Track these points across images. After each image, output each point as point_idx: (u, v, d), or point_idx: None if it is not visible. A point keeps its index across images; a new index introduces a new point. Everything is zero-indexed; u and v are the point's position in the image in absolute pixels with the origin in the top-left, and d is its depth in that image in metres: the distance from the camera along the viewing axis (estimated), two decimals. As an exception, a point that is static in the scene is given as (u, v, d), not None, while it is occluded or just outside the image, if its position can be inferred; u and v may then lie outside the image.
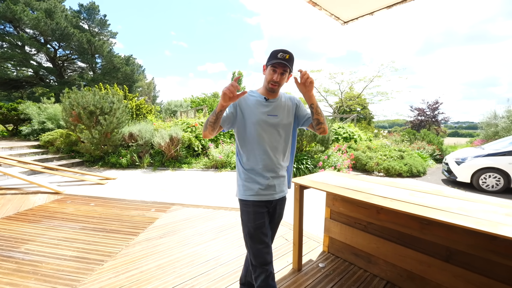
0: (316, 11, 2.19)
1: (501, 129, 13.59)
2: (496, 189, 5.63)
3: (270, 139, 1.37)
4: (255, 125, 1.35)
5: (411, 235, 1.81)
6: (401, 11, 46.01)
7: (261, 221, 1.36)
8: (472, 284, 1.53)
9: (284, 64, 1.29)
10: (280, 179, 1.44)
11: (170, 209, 3.61)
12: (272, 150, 1.37)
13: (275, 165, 1.39)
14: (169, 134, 6.99)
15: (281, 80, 1.34)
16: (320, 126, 1.40)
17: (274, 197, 1.41)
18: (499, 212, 1.36)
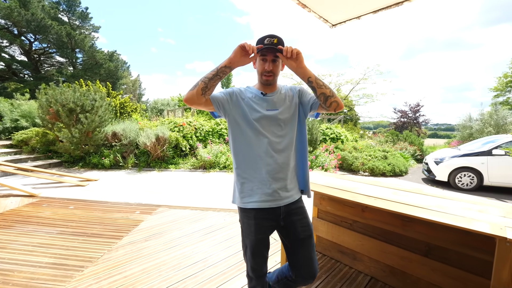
0: (305, 13, 2.24)
1: (475, 131, 14.43)
2: (470, 187, 5.98)
3: (271, 136, 1.19)
4: (252, 123, 1.19)
5: (394, 232, 1.89)
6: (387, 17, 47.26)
7: (263, 235, 1.21)
8: (449, 277, 1.62)
9: (273, 49, 1.13)
10: (286, 182, 1.21)
11: (156, 211, 3.54)
12: (273, 149, 1.18)
13: (279, 165, 1.19)
14: (155, 134, 6.85)
15: (275, 68, 1.19)
16: (329, 100, 1.14)
17: (279, 203, 1.20)
18: (473, 209, 1.45)
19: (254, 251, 1.21)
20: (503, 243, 1.07)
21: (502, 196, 5.40)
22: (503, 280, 1.08)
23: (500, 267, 1.08)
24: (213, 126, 8.83)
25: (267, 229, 1.22)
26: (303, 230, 1.23)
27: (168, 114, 12.67)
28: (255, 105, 1.21)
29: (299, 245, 1.22)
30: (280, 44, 1.15)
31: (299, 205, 1.27)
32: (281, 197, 1.20)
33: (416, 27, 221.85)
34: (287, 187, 1.22)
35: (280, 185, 1.20)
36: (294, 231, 1.22)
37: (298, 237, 1.22)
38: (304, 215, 1.26)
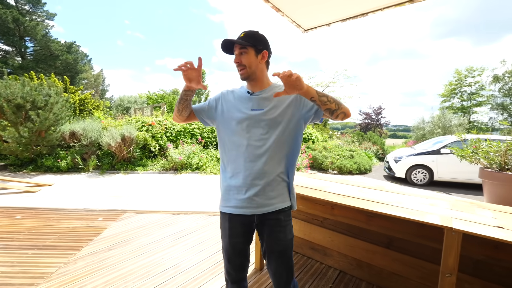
0: (279, 17, 2.28)
1: (427, 132, 16.09)
2: (423, 182, 6.65)
3: (252, 139, 1.12)
4: (233, 124, 1.15)
5: (360, 227, 2.03)
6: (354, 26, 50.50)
7: (237, 240, 1.16)
8: (407, 265, 1.78)
9: (236, 42, 1.12)
10: (266, 188, 1.11)
11: (121, 216, 3.32)
12: (253, 153, 1.11)
13: (259, 171, 1.10)
14: (121, 134, 6.42)
15: (244, 59, 1.13)
16: (336, 113, 1.08)
17: (254, 211, 1.12)
18: (426, 203, 1.62)
19: (228, 255, 1.19)
20: (450, 232, 1.21)
21: (449, 190, 6.10)
22: (450, 265, 1.22)
23: (447, 254, 1.22)
24: (185, 126, 8.56)
25: (241, 234, 1.16)
26: (275, 244, 1.13)
27: (136, 113, 11.98)
28: (239, 106, 1.17)
29: (270, 256, 1.16)
30: (249, 37, 1.13)
31: (278, 216, 1.13)
32: (258, 205, 1.11)
33: (380, 37, 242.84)
34: (267, 195, 1.12)
35: (257, 191, 1.11)
36: (266, 241, 1.16)
37: (270, 248, 1.15)
38: (280, 229, 1.13)
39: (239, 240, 1.17)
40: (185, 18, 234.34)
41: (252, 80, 1.17)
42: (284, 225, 1.15)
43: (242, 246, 1.18)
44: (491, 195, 3.56)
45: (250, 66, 1.14)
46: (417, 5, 2.86)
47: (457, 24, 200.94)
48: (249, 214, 1.13)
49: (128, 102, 22.12)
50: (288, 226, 1.17)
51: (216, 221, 3.20)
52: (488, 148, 3.70)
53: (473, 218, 1.33)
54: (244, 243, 1.19)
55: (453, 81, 24.57)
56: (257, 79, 1.17)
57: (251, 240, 1.22)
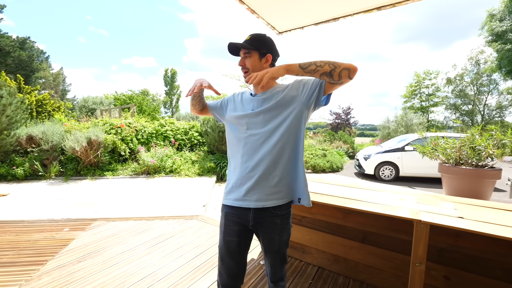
0: (253, 18, 2.29)
1: (391, 131, 17.28)
2: (390, 178, 7.14)
3: (251, 135, 1.14)
4: (235, 122, 1.21)
5: (337, 223, 2.11)
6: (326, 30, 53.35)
7: (231, 239, 1.16)
8: (381, 258, 1.89)
9: (240, 45, 1.16)
10: (262, 185, 1.12)
11: (90, 225, 3.08)
12: (252, 148, 1.14)
13: (257, 166, 1.12)
14: (87, 137, 5.96)
15: (249, 62, 1.17)
16: (335, 72, 1.00)
17: (250, 205, 1.12)
18: (396, 198, 1.74)
19: (221, 253, 1.19)
20: (419, 225, 1.31)
21: (413, 184, 6.62)
22: (419, 255, 1.32)
23: (417, 245, 1.32)
24: (157, 128, 8.21)
25: (235, 233, 1.16)
26: (270, 244, 1.17)
27: (102, 114, 11.21)
28: (243, 106, 1.23)
29: (266, 253, 1.21)
30: (255, 40, 1.16)
31: (274, 220, 1.14)
32: (255, 199, 1.12)
33: (348, 41, 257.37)
34: (264, 190, 1.12)
35: (253, 186, 1.12)
36: (262, 241, 1.20)
37: (265, 247, 1.19)
38: (275, 231, 1.15)
39: (233, 239, 1.16)
40: (153, 16, 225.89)
41: (257, 84, 1.16)
42: (280, 229, 1.15)
43: (236, 247, 1.16)
44: (449, 188, 3.93)
45: (253, 69, 1.17)
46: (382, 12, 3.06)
47: (416, 30, 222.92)
48: (245, 207, 1.13)
49: (93, 103, 20.67)
50: (285, 230, 1.17)
51: (194, 225, 3.12)
52: (445, 145, 4.08)
53: (437, 210, 1.45)
54: (239, 245, 1.16)
55: (413, 83, 26.79)
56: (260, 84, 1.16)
57: (247, 244, 1.20)
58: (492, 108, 23.38)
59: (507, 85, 19.59)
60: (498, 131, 3.81)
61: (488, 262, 1.51)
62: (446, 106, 25.46)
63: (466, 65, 23.77)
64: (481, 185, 3.64)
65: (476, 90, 23.78)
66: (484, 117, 23.57)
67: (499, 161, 3.94)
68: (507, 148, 3.68)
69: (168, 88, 35.61)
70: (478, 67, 22.92)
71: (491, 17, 16.02)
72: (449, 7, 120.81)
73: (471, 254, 1.55)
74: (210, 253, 2.41)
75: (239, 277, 1.19)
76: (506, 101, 22.10)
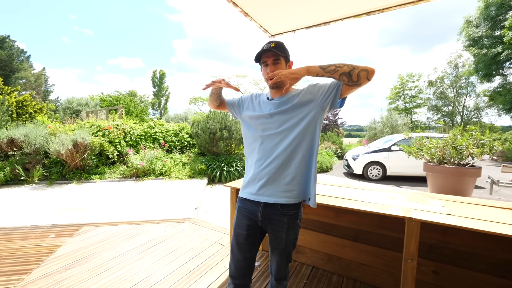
0: (242, 20, 2.30)
1: (378, 131, 17.74)
2: (378, 177, 7.33)
3: (266, 135, 1.20)
4: (252, 120, 1.27)
5: (329, 223, 2.14)
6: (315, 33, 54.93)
7: (240, 232, 1.23)
8: (373, 255, 1.94)
9: (272, 53, 1.17)
10: (274, 183, 1.17)
11: (78, 231, 2.96)
12: (267, 149, 1.19)
13: (270, 166, 1.17)
14: (73, 139, 5.74)
15: (278, 69, 1.19)
16: (354, 73, 1.03)
17: (262, 199, 1.17)
18: (387, 197, 1.79)
19: (231, 244, 1.27)
20: (410, 222, 1.35)
21: (399, 183, 6.83)
22: (411, 251, 1.36)
23: (409, 241, 1.36)
24: (146, 130, 8.04)
25: (244, 227, 1.23)
26: (277, 242, 1.21)
27: (89, 116, 10.85)
28: (259, 107, 1.28)
29: (273, 250, 1.25)
30: (279, 47, 1.18)
31: (281, 218, 1.17)
32: (266, 195, 1.17)
33: (336, 44, 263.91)
34: (278, 188, 1.16)
35: (267, 182, 1.17)
36: (269, 238, 1.25)
37: (272, 245, 1.24)
38: (282, 229, 1.19)
39: (242, 233, 1.23)
40: (141, 16, 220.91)
41: (278, 88, 1.23)
42: (287, 227, 1.19)
43: (244, 241, 1.23)
44: (433, 186, 4.08)
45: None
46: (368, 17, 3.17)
47: (399, 34, 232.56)
48: (257, 201, 1.19)
49: (78, 104, 19.98)
50: (292, 228, 1.20)
51: (186, 228, 3.07)
52: (429, 145, 4.24)
53: (427, 207, 1.51)
54: (247, 239, 1.22)
55: (397, 85, 27.68)
56: (283, 86, 1.21)
57: (255, 241, 1.25)
58: (470, 109, 24.57)
59: (484, 88, 20.65)
60: (477, 131, 4.01)
61: (473, 256, 1.58)
62: (428, 107, 26.50)
63: (446, 68, 24.88)
64: (463, 183, 3.81)
65: (455, 92, 24.91)
66: (463, 118, 24.72)
67: (479, 160, 4.14)
68: (486, 147, 3.88)
69: (156, 89, 34.97)
70: (457, 70, 24.04)
71: (468, 23, 16.84)
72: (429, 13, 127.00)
73: (458, 249, 1.62)
74: (204, 256, 2.38)
75: (246, 272, 1.25)
76: (483, 102, 23.28)
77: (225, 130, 6.92)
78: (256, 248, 1.27)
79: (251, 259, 1.25)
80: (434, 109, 26.05)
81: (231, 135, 6.93)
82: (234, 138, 6.95)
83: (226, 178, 6.30)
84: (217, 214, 3.93)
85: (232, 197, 2.12)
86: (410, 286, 1.36)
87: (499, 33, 14.52)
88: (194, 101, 27.23)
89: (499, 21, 15.01)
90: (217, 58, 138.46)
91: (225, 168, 6.42)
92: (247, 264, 1.24)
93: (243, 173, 6.52)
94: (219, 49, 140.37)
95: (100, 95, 22.60)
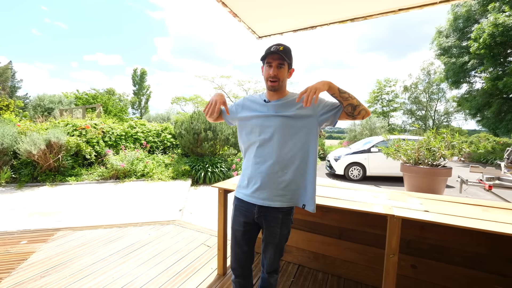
0: (226, 20, 2.30)
1: (358, 133, 18.42)
2: (358, 178, 7.61)
3: (262, 139, 1.23)
4: (248, 123, 1.30)
5: (315, 221, 2.20)
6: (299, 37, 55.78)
7: (237, 228, 1.31)
8: (356, 252, 2.02)
9: (279, 56, 1.18)
10: (269, 187, 1.22)
11: (53, 236, 2.79)
12: (263, 153, 1.23)
13: (265, 169, 1.21)
14: (46, 139, 5.39)
15: (280, 74, 1.21)
16: (358, 109, 1.16)
17: (256, 202, 1.23)
18: (370, 196, 1.87)
19: (232, 240, 1.34)
20: (392, 219, 1.43)
21: (378, 183, 7.14)
22: (393, 247, 1.44)
23: (391, 237, 1.44)
24: (126, 129, 7.74)
25: (241, 224, 1.29)
26: (271, 237, 1.27)
27: (63, 115, 10.23)
28: (255, 110, 1.29)
29: (267, 245, 1.31)
30: (287, 53, 1.20)
31: (276, 215, 1.23)
32: (261, 198, 1.22)
33: (317, 48, 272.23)
34: (270, 192, 1.21)
35: (261, 186, 1.22)
36: (264, 233, 1.32)
37: (266, 240, 1.30)
38: (277, 225, 1.24)
39: (239, 229, 1.30)
40: (120, 11, 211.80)
41: (276, 91, 1.26)
42: (281, 223, 1.25)
43: (241, 236, 1.30)
44: (409, 185, 4.32)
45: (283, 80, 1.24)
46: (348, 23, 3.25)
47: (377, 41, 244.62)
48: (252, 203, 1.25)
49: (50, 102, 18.76)
50: (286, 223, 1.27)
51: (171, 230, 3.00)
52: (406, 147, 4.49)
53: (406, 205, 1.60)
54: (244, 235, 1.30)
55: (376, 90, 28.97)
56: (279, 90, 1.27)
57: (251, 236, 1.32)
58: (441, 113, 26.31)
59: (453, 94, 22.21)
60: (448, 134, 4.31)
61: (449, 251, 1.70)
62: (403, 111, 27.99)
63: (420, 75, 26.45)
64: (436, 182, 4.07)
65: (428, 97, 26.55)
66: (435, 121, 26.39)
67: (449, 161, 4.45)
68: (456, 149, 4.18)
69: (136, 88, 33.77)
70: (429, 76, 25.64)
71: (439, 33, 18.05)
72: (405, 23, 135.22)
73: (435, 244, 1.74)
74: (190, 258, 2.34)
75: (245, 265, 1.32)
76: (452, 108, 25.04)
77: (210, 130, 6.85)
78: (253, 242, 1.35)
79: (249, 251, 1.33)
80: (409, 113, 27.57)
81: (216, 136, 6.87)
82: (219, 139, 6.89)
83: (210, 179, 6.23)
84: (202, 216, 3.88)
85: (220, 197, 2.10)
86: (391, 280, 1.44)
87: (466, 43, 15.71)
88: (176, 100, 26.63)
89: (466, 33, 16.24)
90: (200, 58, 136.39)
91: (209, 169, 6.34)
92: (246, 256, 1.32)
93: (228, 174, 6.48)
94: (203, 49, 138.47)
95: (75, 92, 21.40)
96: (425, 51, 76.91)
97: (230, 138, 7.09)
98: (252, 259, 1.36)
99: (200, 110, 8.78)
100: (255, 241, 1.36)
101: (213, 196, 5.04)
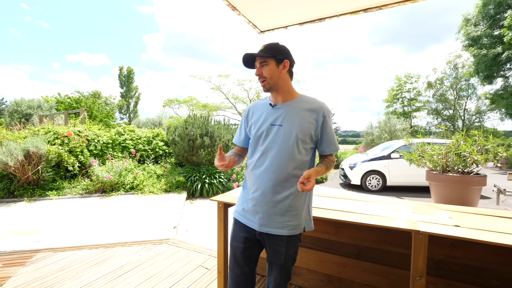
0: (224, 14, 2.35)
1: (375, 137, 18.32)
2: (377, 188, 7.55)
3: (259, 156, 1.30)
4: (255, 135, 1.34)
5: (328, 239, 2.18)
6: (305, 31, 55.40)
7: (237, 244, 1.34)
8: (377, 274, 1.99)
9: (257, 55, 1.27)
10: (273, 209, 1.25)
11: (32, 259, 2.81)
12: (259, 171, 1.29)
13: (269, 189, 1.25)
14: (24, 149, 5.49)
15: (266, 71, 1.26)
16: (331, 168, 1.39)
17: (255, 227, 1.28)
18: (391, 208, 1.86)
19: (229, 259, 1.36)
20: (417, 235, 1.42)
21: (401, 194, 7.06)
22: (419, 268, 1.42)
23: (416, 257, 1.42)
24: (113, 137, 7.84)
25: (241, 240, 1.33)
26: (275, 256, 1.28)
27: (43, 121, 10.42)
28: (261, 119, 1.33)
29: (271, 266, 1.32)
30: (270, 48, 1.26)
31: (280, 238, 1.26)
32: (260, 223, 1.27)
33: (323, 42, 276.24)
34: (273, 216, 1.25)
35: (263, 209, 1.26)
36: (267, 252, 1.32)
37: (270, 259, 1.31)
38: (282, 243, 1.26)
39: (239, 246, 1.33)
40: (106, 7, 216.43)
41: (275, 91, 1.31)
42: (286, 241, 1.27)
43: (241, 254, 1.32)
44: (437, 196, 4.27)
45: (271, 77, 1.27)
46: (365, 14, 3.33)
47: (392, 33, 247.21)
48: (251, 227, 1.30)
49: (28, 107, 19.19)
50: (291, 242, 1.28)
51: (164, 250, 3.00)
52: (432, 152, 4.46)
53: (433, 219, 1.59)
54: (244, 252, 1.32)
55: (394, 87, 28.94)
56: (280, 89, 1.31)
57: (253, 255, 1.34)
58: (472, 113, 26.07)
59: (485, 90, 22.05)
60: (481, 136, 4.27)
61: (484, 272, 1.67)
62: (428, 111, 27.83)
63: (445, 69, 26.37)
64: (468, 192, 4.02)
65: (456, 94, 26.40)
66: (465, 122, 26.15)
67: (483, 168, 4.40)
68: (490, 154, 4.13)
69: (124, 90, 34.32)
70: (456, 71, 25.54)
71: (467, 21, 18.08)
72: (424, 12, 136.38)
73: (468, 264, 1.71)
74: (186, 282, 2.34)
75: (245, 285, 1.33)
76: (485, 106, 24.80)
77: (207, 136, 6.90)
78: (255, 262, 1.36)
79: (250, 273, 1.34)
80: (434, 113, 27.39)
81: (214, 143, 6.91)
82: (217, 145, 6.92)
83: (208, 192, 6.24)
84: (199, 233, 3.87)
85: (219, 212, 2.10)
86: (419, 307, 1.42)
87: (498, 32, 15.68)
88: (169, 103, 26.91)
89: (498, 20, 16.23)
90: (194, 56, 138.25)
91: (207, 180, 6.36)
92: (246, 279, 1.33)
93: (228, 186, 6.49)
94: (198, 46, 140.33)
95: (57, 96, 21.83)
96: (449, 43, 76.81)
97: (230, 145, 7.12)
98: (253, 283, 1.35)
99: (195, 113, 8.86)
100: (256, 261, 1.37)
101: (211, 211, 5.03)
